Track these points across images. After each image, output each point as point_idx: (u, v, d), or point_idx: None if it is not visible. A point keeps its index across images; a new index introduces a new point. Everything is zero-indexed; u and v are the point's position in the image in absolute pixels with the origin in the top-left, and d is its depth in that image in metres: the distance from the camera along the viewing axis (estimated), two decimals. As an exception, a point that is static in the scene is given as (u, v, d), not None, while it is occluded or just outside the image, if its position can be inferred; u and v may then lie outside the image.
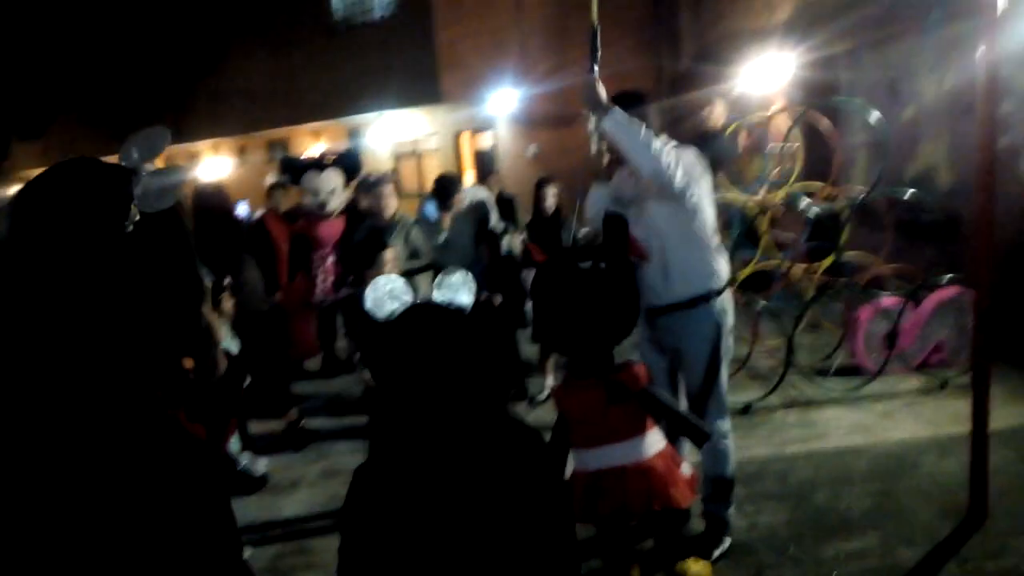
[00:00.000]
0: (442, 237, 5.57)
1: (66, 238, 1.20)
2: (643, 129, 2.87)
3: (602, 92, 2.91)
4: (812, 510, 3.70)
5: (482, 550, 1.46)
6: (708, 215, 3.16)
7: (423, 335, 1.54)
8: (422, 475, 1.48)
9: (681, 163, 2.92)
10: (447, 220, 5.59)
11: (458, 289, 1.84)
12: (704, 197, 3.11)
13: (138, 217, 1.35)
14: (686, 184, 2.95)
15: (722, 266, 3.20)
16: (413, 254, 5.10)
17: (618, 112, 2.88)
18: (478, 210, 5.73)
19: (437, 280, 1.84)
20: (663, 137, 3.08)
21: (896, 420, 4.67)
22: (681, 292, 3.13)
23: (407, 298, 1.79)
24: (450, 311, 1.66)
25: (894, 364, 5.26)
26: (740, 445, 4.36)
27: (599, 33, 3.02)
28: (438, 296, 1.82)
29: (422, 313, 1.62)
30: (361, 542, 1.51)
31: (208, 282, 4.17)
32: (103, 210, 1.27)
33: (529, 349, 5.96)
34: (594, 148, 3.13)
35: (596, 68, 2.98)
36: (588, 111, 2.97)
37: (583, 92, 2.93)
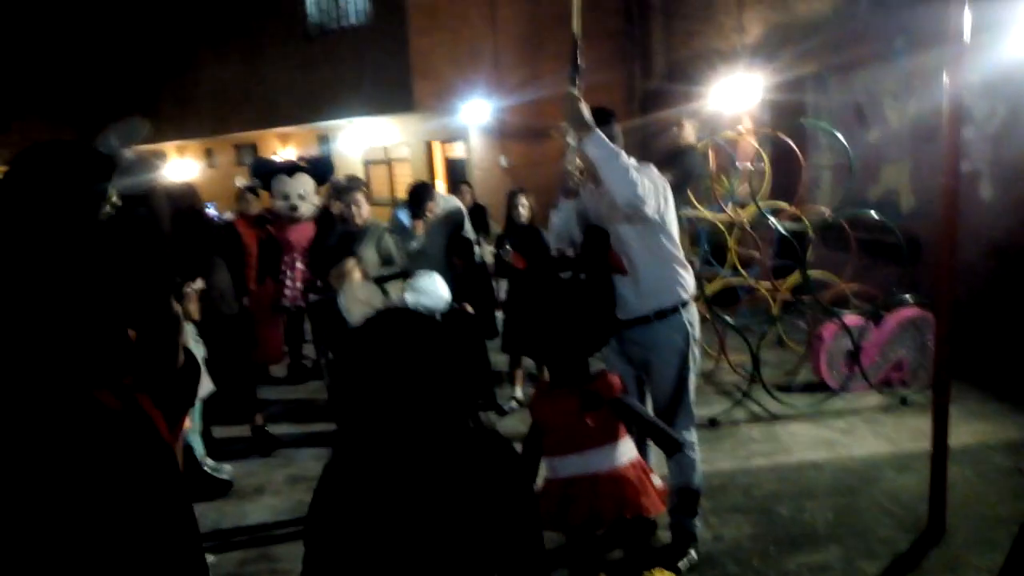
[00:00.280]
0: (414, 244, 5.57)
1: (44, 215, 1.21)
2: (622, 155, 2.91)
3: (586, 111, 2.92)
4: (776, 523, 3.76)
5: (448, 558, 1.46)
6: (673, 230, 3.22)
7: (392, 339, 1.51)
8: (386, 482, 1.47)
9: (653, 188, 2.97)
10: (420, 228, 5.60)
11: (427, 292, 1.85)
12: (670, 212, 3.17)
13: (118, 202, 1.36)
14: (656, 207, 3.00)
15: (688, 279, 3.26)
16: (386, 261, 5.09)
17: (599, 134, 2.90)
18: (451, 219, 5.75)
19: (408, 283, 1.85)
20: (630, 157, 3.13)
21: (857, 436, 4.77)
22: (650, 305, 3.18)
23: (378, 304, 1.79)
24: (419, 316, 1.64)
25: (855, 381, 5.38)
26: (706, 458, 4.39)
27: (580, 47, 3.06)
28: (409, 299, 1.82)
29: (392, 318, 1.60)
30: (325, 550, 1.49)
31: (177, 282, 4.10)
32: (81, 190, 1.29)
33: (499, 359, 5.96)
34: (568, 164, 3.15)
35: (578, 82, 3.01)
36: (568, 127, 2.98)
37: (566, 109, 2.94)
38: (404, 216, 5.73)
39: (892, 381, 5.54)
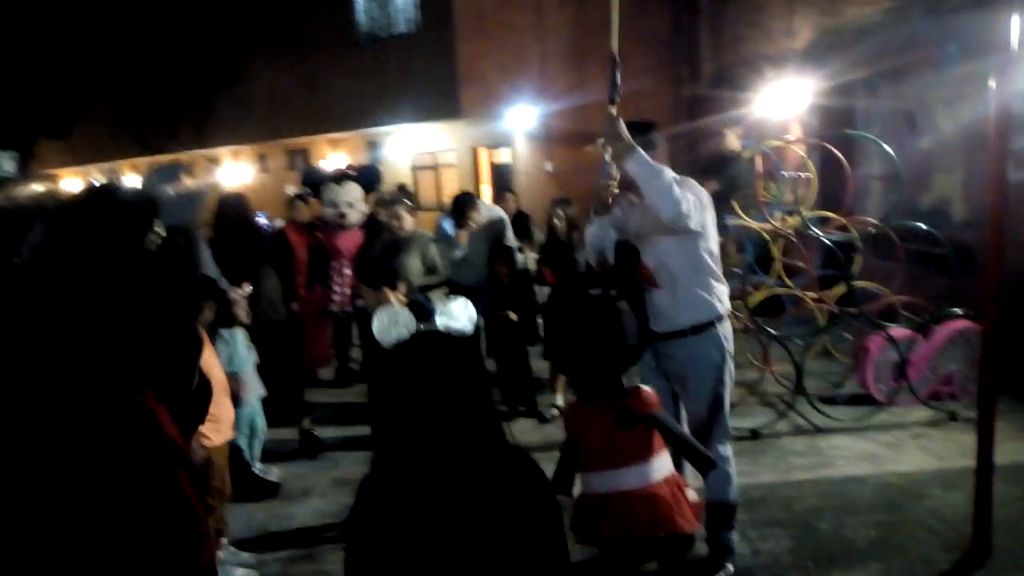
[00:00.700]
0: (457, 253, 5.67)
1: (91, 255, 1.35)
2: (665, 172, 2.94)
3: (624, 130, 2.97)
4: (816, 538, 3.74)
5: (479, 572, 1.51)
6: (714, 244, 3.23)
7: (423, 361, 1.60)
8: (418, 499, 1.53)
9: (697, 202, 2.99)
10: (463, 237, 5.69)
11: (456, 315, 1.91)
12: (710, 226, 3.18)
13: (162, 236, 1.48)
14: (699, 221, 3.03)
15: (724, 294, 3.28)
16: (429, 270, 5.19)
17: (641, 153, 2.95)
18: (493, 228, 5.83)
19: (441, 307, 1.92)
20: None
21: (903, 451, 4.70)
22: (686, 318, 3.19)
23: (411, 327, 1.86)
24: (450, 338, 1.73)
25: (903, 395, 5.30)
26: (746, 471, 4.41)
27: (619, 65, 3.10)
28: (439, 322, 1.89)
29: (423, 341, 1.69)
30: (364, 560, 1.56)
31: (226, 290, 4.25)
32: (124, 235, 1.40)
33: (541, 365, 6.02)
34: (603, 179, 3.18)
35: (616, 99, 3.06)
36: (607, 145, 3.03)
37: (605, 129, 3.00)
38: (448, 225, 5.84)
39: (941, 395, 5.43)
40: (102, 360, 1.33)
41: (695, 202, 2.99)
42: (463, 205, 5.70)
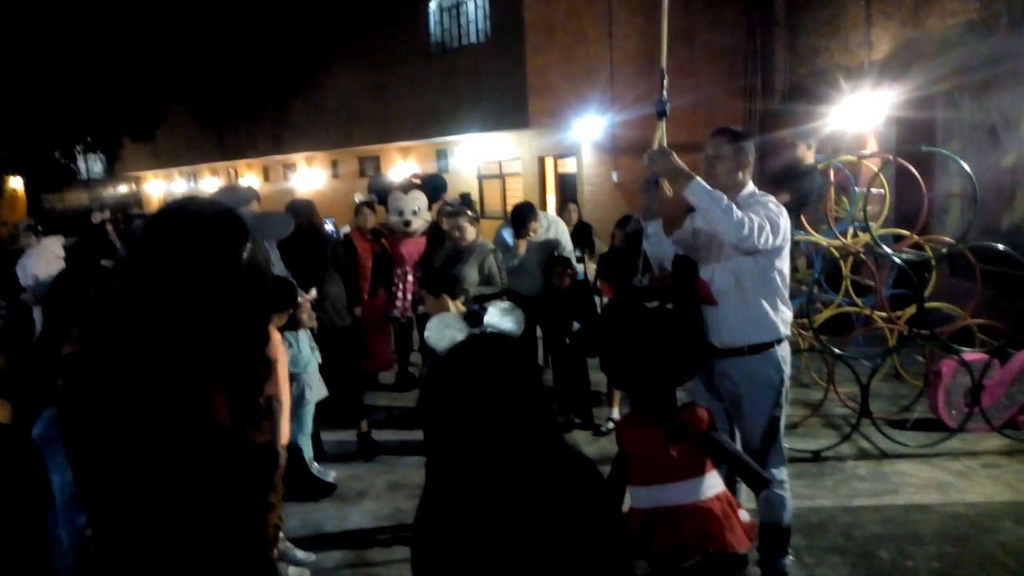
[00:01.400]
0: (514, 261, 5.70)
1: (184, 261, 1.47)
2: (722, 199, 2.93)
3: (678, 162, 2.99)
4: (875, 568, 3.61)
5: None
6: (785, 265, 3.17)
7: (476, 363, 1.61)
8: (479, 502, 1.54)
9: (767, 224, 2.96)
10: (521, 246, 5.72)
11: (503, 318, 1.93)
12: (784, 247, 3.12)
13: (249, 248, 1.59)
14: (769, 244, 2.99)
15: (788, 317, 3.21)
16: (487, 280, 5.24)
17: (698, 182, 2.96)
18: (550, 245, 5.87)
19: (489, 313, 1.94)
20: (750, 187, 3.13)
21: (973, 481, 4.50)
22: (747, 337, 3.13)
23: (463, 332, 1.88)
24: (502, 339, 1.74)
25: (975, 422, 5.08)
26: (806, 494, 4.31)
27: (666, 81, 3.12)
28: (487, 325, 1.91)
29: (476, 343, 1.70)
30: (429, 561, 1.58)
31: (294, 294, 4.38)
32: (220, 243, 1.52)
33: (599, 377, 5.99)
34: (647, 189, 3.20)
35: (665, 114, 3.08)
36: (665, 179, 3.06)
37: (659, 165, 3.03)
38: (507, 234, 5.87)
39: (1019, 424, 5.18)
40: (181, 349, 1.45)
41: (758, 225, 2.94)
42: (523, 216, 5.73)
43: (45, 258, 7.37)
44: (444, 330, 1.91)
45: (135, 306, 1.46)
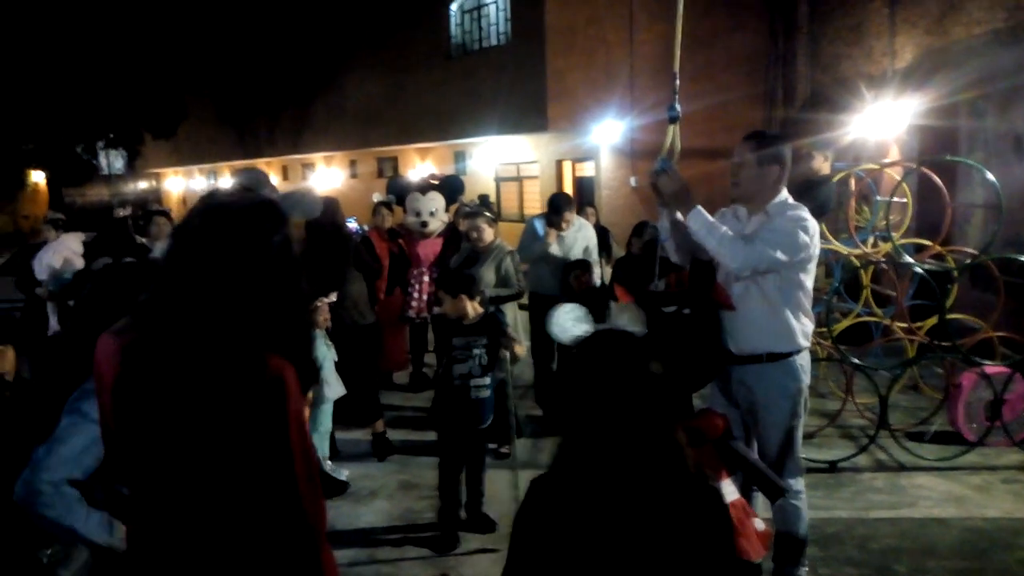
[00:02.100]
0: (546, 247, 5.63)
1: (235, 248, 1.59)
2: (721, 229, 2.96)
3: (684, 186, 3.02)
4: (891, 580, 3.57)
5: None
6: (809, 279, 3.13)
7: (614, 356, 1.59)
8: (591, 502, 1.52)
9: (779, 246, 2.94)
10: (552, 235, 5.67)
11: (629, 318, 1.93)
12: (809, 262, 3.09)
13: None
14: (777, 266, 2.97)
15: (809, 329, 3.17)
16: (503, 282, 5.23)
17: (699, 212, 2.99)
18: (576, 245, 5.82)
19: (611, 312, 1.96)
20: (782, 195, 3.10)
21: (992, 495, 4.44)
22: (766, 345, 3.10)
23: (588, 326, 1.89)
24: (629, 336, 1.72)
25: (995, 436, 5.01)
26: (822, 505, 4.26)
27: (678, 88, 3.11)
28: (615, 325, 1.92)
29: (604, 338, 1.69)
30: (526, 558, 1.58)
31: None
32: (263, 229, 1.64)
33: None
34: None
35: (677, 119, 3.07)
36: (668, 202, 3.08)
37: (665, 188, 3.03)
38: (539, 224, 5.83)
39: (1039, 439, 5.11)
40: (243, 327, 1.58)
41: (757, 256, 2.93)
42: (559, 204, 5.68)
43: (62, 253, 7.43)
44: (570, 322, 1.94)
45: (195, 293, 1.56)
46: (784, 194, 3.14)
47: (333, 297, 4.60)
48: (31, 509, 2.01)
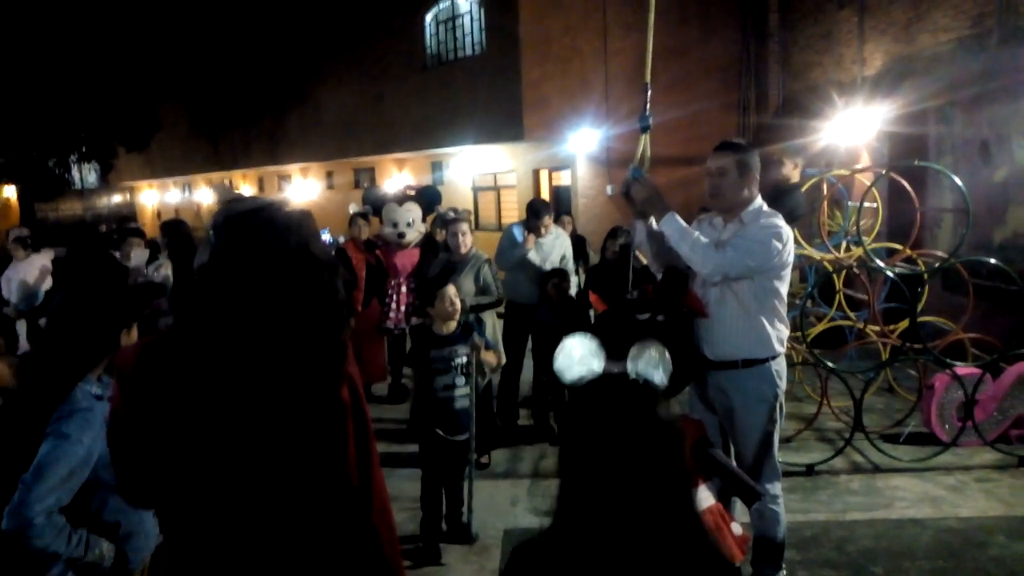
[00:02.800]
0: (524, 252, 5.63)
1: (269, 254, 1.62)
2: (694, 235, 3.03)
3: (657, 192, 3.09)
4: (869, 582, 3.60)
5: None
6: (784, 285, 3.17)
7: (607, 410, 1.40)
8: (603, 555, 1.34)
9: (750, 253, 3.00)
10: (530, 240, 5.68)
11: (653, 362, 1.71)
12: (783, 268, 3.13)
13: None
14: (747, 272, 3.02)
15: (784, 334, 3.21)
16: (483, 291, 5.24)
17: (674, 217, 3.05)
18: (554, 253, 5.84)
19: (632, 352, 1.74)
20: (756, 203, 3.14)
21: (966, 495, 4.50)
22: (742, 351, 3.13)
23: (597, 366, 1.69)
24: (642, 388, 1.52)
25: (968, 436, 5.08)
26: (799, 508, 4.30)
27: (650, 97, 3.15)
28: (631, 369, 1.70)
29: (610, 385, 1.48)
30: None
31: None
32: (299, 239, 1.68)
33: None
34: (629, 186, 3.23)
35: (649, 127, 3.11)
36: (640, 209, 3.15)
37: (638, 195, 3.08)
38: (518, 230, 5.84)
39: (1011, 438, 5.19)
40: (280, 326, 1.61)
41: (729, 263, 3.00)
42: (539, 208, 5.72)
43: (31, 272, 7.32)
44: (578, 359, 1.72)
45: (233, 297, 1.59)
46: (758, 201, 3.18)
47: None
48: (24, 541, 2.00)
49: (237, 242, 1.61)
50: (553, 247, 5.77)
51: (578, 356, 1.75)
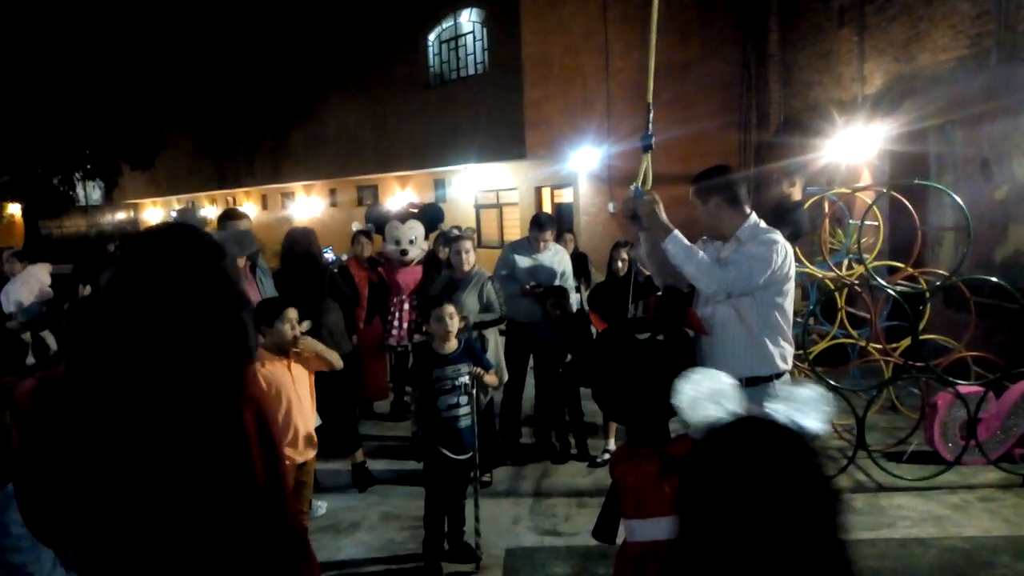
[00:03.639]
0: (525, 263, 5.69)
1: (166, 282, 1.60)
2: (699, 255, 3.06)
3: (662, 214, 3.11)
4: (872, 602, 3.58)
5: None
6: (788, 302, 3.18)
7: (745, 460, 1.24)
8: None
9: (750, 271, 3.02)
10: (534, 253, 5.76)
11: (808, 406, 1.50)
12: (785, 285, 3.14)
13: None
14: (754, 284, 3.06)
15: (789, 354, 3.22)
16: (486, 308, 5.25)
17: (677, 236, 3.08)
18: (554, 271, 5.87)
19: (785, 392, 1.57)
20: (751, 220, 3.16)
21: (970, 514, 4.48)
22: (744, 370, 3.12)
23: (732, 407, 1.56)
24: (791, 436, 1.32)
25: (971, 455, 5.07)
26: (801, 526, 4.27)
27: (651, 116, 3.18)
28: (780, 411, 1.51)
29: (751, 431, 1.31)
30: None
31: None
32: (205, 260, 1.66)
33: (595, 408, 5.97)
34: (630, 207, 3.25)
35: (651, 148, 3.14)
36: (643, 226, 3.18)
37: (643, 213, 3.11)
38: (523, 245, 5.91)
39: (1014, 457, 5.17)
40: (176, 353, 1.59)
41: (732, 280, 3.03)
42: (543, 221, 5.78)
43: (30, 285, 7.38)
44: (702, 399, 1.56)
45: (127, 325, 1.56)
46: (752, 218, 3.21)
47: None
48: None
49: (135, 262, 1.62)
50: (551, 264, 5.81)
51: (705, 398, 1.61)
